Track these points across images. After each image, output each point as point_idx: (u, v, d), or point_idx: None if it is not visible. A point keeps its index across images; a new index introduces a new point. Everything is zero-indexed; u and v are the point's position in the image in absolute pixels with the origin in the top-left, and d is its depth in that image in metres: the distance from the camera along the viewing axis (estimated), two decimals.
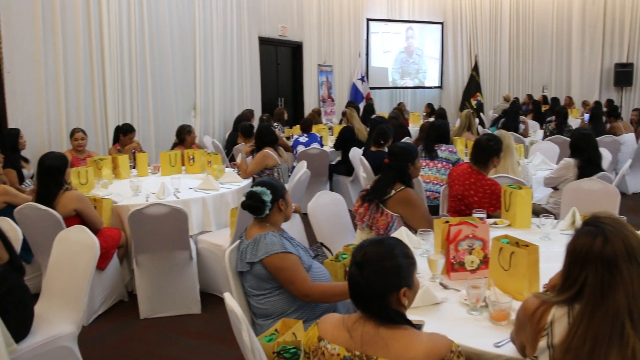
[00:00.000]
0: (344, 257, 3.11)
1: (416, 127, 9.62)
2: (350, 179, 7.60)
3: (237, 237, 2.93)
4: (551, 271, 2.28)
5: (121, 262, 4.69)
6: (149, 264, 4.36)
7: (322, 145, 7.96)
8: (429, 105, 13.34)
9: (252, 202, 2.81)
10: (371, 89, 15.05)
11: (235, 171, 5.72)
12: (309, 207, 3.83)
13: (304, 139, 7.84)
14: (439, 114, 10.05)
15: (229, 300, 2.19)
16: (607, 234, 1.63)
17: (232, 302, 2.17)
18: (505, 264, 2.48)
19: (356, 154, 6.83)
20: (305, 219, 4.32)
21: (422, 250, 3.05)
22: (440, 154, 5.37)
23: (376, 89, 15.49)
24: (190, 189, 5.13)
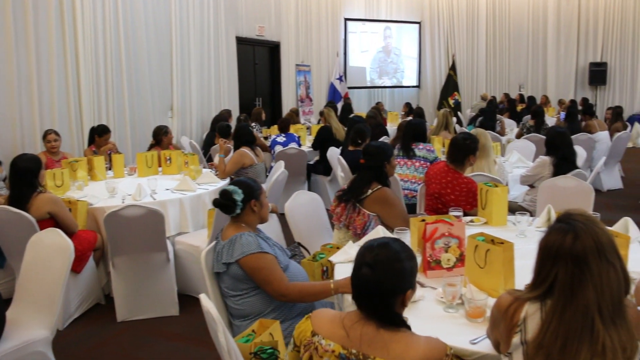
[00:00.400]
0: (321, 257, 3.10)
1: (394, 127, 9.64)
2: (328, 178, 7.61)
3: (214, 238, 2.91)
4: (526, 268, 2.28)
5: (97, 264, 4.63)
6: (126, 266, 4.31)
7: (299, 145, 7.96)
8: (407, 104, 13.40)
9: (223, 200, 2.80)
10: (349, 88, 15.08)
11: (212, 172, 5.69)
12: (286, 207, 3.81)
13: (281, 139, 7.83)
14: (417, 113, 10.09)
15: (205, 301, 2.17)
16: (578, 231, 1.65)
17: (208, 303, 2.15)
18: (480, 262, 2.49)
19: (334, 154, 6.83)
20: (282, 219, 4.31)
21: None
22: (417, 152, 5.39)
23: (354, 88, 15.53)
24: (167, 190, 5.09)
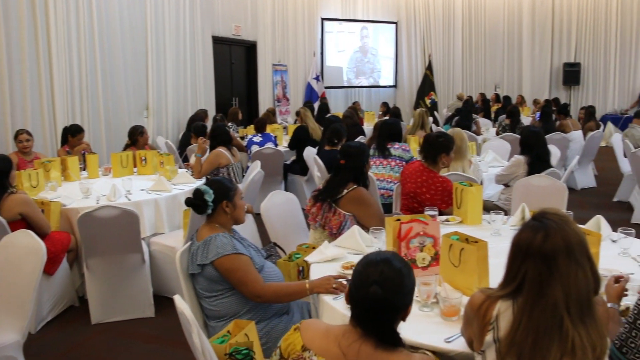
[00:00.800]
0: (297, 257, 3.10)
1: (371, 126, 9.66)
2: (305, 178, 7.61)
3: (189, 239, 2.89)
4: (501, 266, 2.29)
5: (71, 266, 4.57)
6: (100, 268, 4.26)
7: (276, 145, 7.95)
8: (384, 104, 13.44)
9: (194, 200, 2.79)
10: (326, 88, 15.09)
11: (188, 172, 5.65)
12: (262, 207, 3.80)
13: (258, 139, 7.81)
14: (393, 112, 10.13)
15: (179, 302, 2.15)
16: (549, 230, 1.66)
17: (182, 304, 2.13)
18: (455, 261, 2.50)
19: (310, 154, 6.83)
20: (258, 219, 4.30)
21: (374, 248, 3.06)
22: (393, 152, 5.40)
23: (331, 88, 15.55)
24: (142, 190, 5.04)
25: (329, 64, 15.55)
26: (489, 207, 4.37)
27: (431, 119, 10.73)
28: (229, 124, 9.12)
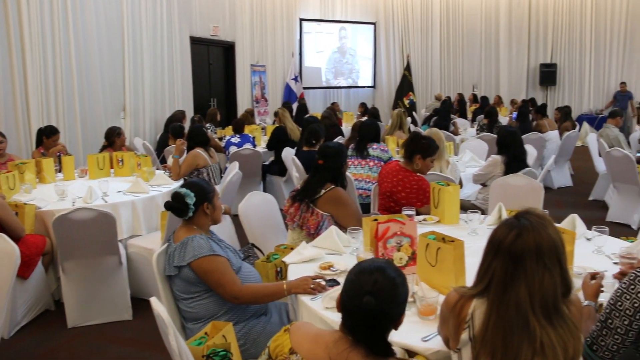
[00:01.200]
0: (275, 258, 3.09)
1: (349, 127, 9.68)
2: (283, 179, 7.60)
3: (166, 241, 2.87)
4: (477, 266, 2.33)
5: (46, 269, 4.50)
6: (76, 271, 4.21)
7: (254, 145, 7.93)
8: (363, 104, 13.46)
9: (175, 203, 2.77)
10: (305, 88, 15.09)
11: (166, 173, 5.61)
12: (240, 208, 3.78)
13: (236, 140, 7.79)
14: (372, 113, 10.16)
15: (155, 304, 2.14)
16: (522, 230, 1.67)
17: (159, 307, 2.12)
18: (432, 260, 2.52)
19: (288, 154, 6.82)
20: (236, 220, 4.28)
21: (351, 248, 3.07)
22: (371, 152, 5.42)
23: (310, 88, 15.56)
24: (119, 192, 4.99)
25: (307, 64, 15.56)
26: (467, 207, 4.40)
27: (409, 120, 10.78)
28: (207, 125, 9.08)
